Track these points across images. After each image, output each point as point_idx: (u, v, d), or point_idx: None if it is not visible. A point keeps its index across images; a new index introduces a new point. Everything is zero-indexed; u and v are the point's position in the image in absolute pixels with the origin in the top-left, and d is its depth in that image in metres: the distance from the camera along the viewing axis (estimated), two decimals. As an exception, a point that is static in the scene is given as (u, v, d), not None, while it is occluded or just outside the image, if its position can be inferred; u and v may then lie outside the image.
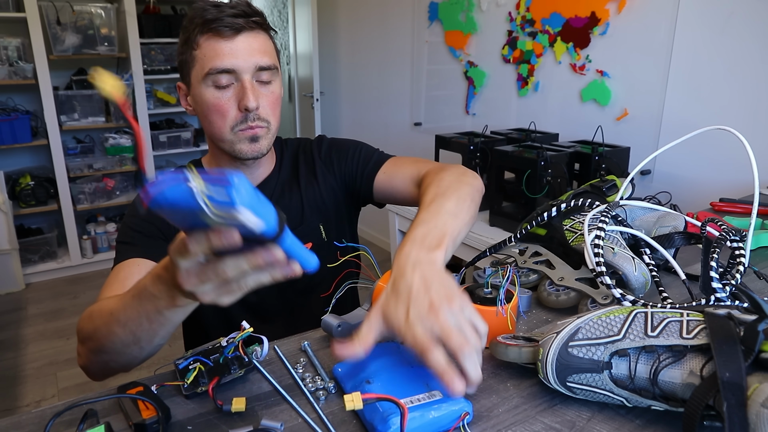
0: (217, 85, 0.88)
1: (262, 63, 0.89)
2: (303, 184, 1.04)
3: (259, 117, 0.90)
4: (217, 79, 0.88)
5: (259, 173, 1.03)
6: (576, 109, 2.18)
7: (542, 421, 0.58)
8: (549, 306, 0.82)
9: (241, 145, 0.91)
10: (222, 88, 0.88)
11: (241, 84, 0.88)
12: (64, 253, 3.30)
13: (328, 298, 1.03)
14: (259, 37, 0.90)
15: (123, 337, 0.66)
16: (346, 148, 1.08)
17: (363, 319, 0.75)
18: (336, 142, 1.10)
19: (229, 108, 0.89)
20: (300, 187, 1.04)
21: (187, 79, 0.93)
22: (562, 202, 0.89)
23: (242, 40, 0.87)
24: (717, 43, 1.71)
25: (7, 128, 2.91)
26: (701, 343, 0.53)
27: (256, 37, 0.89)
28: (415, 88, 3.09)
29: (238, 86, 0.88)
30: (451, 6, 2.69)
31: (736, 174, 1.71)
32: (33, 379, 2.27)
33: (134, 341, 0.66)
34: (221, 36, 0.86)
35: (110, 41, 3.12)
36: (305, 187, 1.04)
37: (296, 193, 1.04)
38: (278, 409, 0.60)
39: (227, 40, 0.87)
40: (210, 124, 0.92)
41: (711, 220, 0.84)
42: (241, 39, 0.87)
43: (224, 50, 0.86)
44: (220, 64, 0.86)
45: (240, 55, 0.87)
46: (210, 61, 0.87)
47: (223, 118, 0.90)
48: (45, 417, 0.58)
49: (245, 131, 0.90)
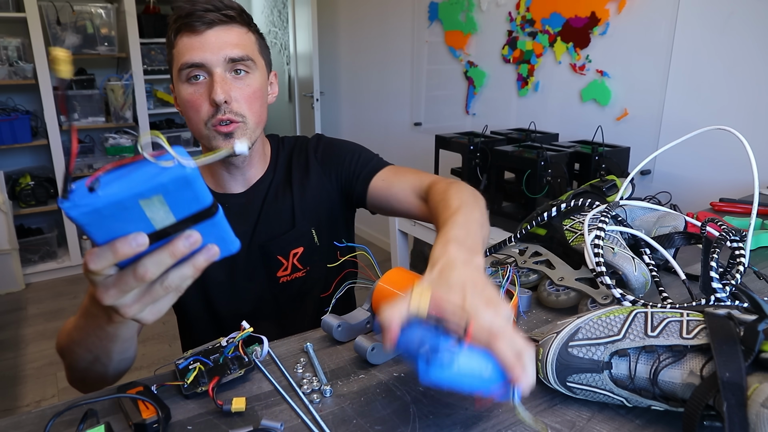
0: (190, 80, 0.89)
1: (233, 55, 0.88)
2: (296, 187, 1.02)
3: (231, 110, 0.88)
4: (190, 73, 0.88)
5: (251, 174, 1.01)
6: (576, 109, 2.18)
7: (542, 421, 0.58)
8: (549, 306, 0.82)
9: (216, 141, 0.90)
10: (195, 83, 0.89)
11: (211, 78, 0.88)
12: (64, 253, 3.30)
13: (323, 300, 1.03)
14: (232, 30, 0.89)
15: (83, 356, 0.68)
16: (344, 149, 1.05)
17: (363, 319, 0.75)
18: (333, 142, 1.07)
19: (201, 102, 0.88)
20: (292, 190, 1.02)
21: (173, 79, 0.94)
22: (562, 202, 0.89)
23: (213, 34, 0.87)
24: (717, 43, 1.71)
25: (7, 128, 2.92)
26: (701, 343, 0.53)
27: (228, 31, 0.89)
28: (415, 88, 3.09)
29: (209, 80, 0.88)
30: (451, 6, 2.69)
31: (736, 174, 1.71)
32: (33, 379, 2.27)
33: (94, 359, 0.68)
34: (193, 31, 0.87)
35: (110, 41, 3.12)
36: (298, 190, 1.02)
37: (288, 196, 1.02)
38: (278, 409, 0.60)
39: (198, 35, 0.87)
40: (188, 120, 0.92)
41: (711, 220, 0.84)
42: (211, 33, 0.87)
43: (195, 45, 0.87)
44: (190, 59, 0.87)
45: (209, 49, 0.87)
46: (182, 57, 0.88)
47: (197, 112, 0.89)
48: (45, 417, 0.58)
49: (219, 127, 0.88)
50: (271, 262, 1.00)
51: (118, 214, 0.42)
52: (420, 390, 0.63)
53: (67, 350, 0.71)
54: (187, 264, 0.47)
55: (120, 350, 0.66)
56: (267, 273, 1.00)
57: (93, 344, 0.65)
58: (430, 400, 0.61)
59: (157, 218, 0.44)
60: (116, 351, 0.66)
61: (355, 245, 0.85)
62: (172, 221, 0.45)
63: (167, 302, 0.50)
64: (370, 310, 0.76)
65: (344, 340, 0.74)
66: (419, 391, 0.63)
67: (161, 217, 0.44)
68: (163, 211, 0.44)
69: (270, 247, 1.00)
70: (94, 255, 0.44)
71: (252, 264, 1.00)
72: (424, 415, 0.59)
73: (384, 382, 0.65)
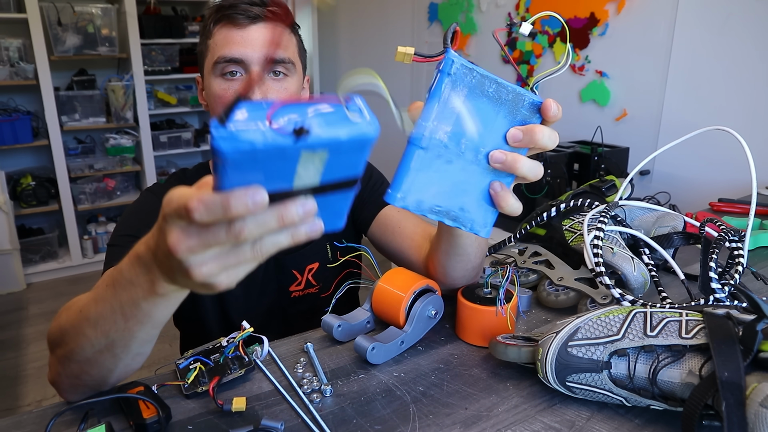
0: (225, 75, 0.84)
1: (275, 55, 0.84)
2: None
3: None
4: (226, 68, 0.83)
5: None
6: (575, 110, 2.18)
7: (542, 420, 0.58)
8: (548, 306, 0.82)
9: None
10: (229, 79, 0.83)
11: (249, 75, 0.83)
12: (65, 253, 3.31)
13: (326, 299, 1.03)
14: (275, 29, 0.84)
15: (94, 340, 0.54)
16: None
17: (363, 319, 0.75)
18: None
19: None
20: None
21: (202, 71, 0.90)
22: (561, 202, 0.89)
23: (256, 29, 0.83)
24: (716, 44, 1.71)
25: (8, 129, 2.92)
26: (700, 343, 0.53)
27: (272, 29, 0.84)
28: (415, 88, 3.09)
29: (246, 78, 0.83)
30: (451, 7, 2.70)
31: (735, 174, 1.71)
32: (34, 379, 2.27)
33: (107, 346, 0.54)
34: (234, 24, 0.82)
35: (111, 42, 3.12)
36: None
37: None
38: (278, 409, 0.60)
39: (240, 29, 0.82)
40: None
41: (710, 220, 0.84)
42: (254, 28, 0.82)
43: (235, 39, 0.82)
44: (229, 53, 0.82)
45: (250, 45, 0.82)
46: (220, 50, 0.83)
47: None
48: (46, 416, 0.58)
49: None
50: (285, 276, 0.97)
51: (268, 162, 0.35)
52: (420, 390, 0.64)
53: (72, 333, 0.56)
54: (287, 232, 0.40)
55: (143, 339, 0.54)
56: (279, 286, 0.98)
57: (113, 324, 0.52)
58: (430, 400, 0.62)
59: (303, 175, 0.37)
60: (139, 339, 0.53)
61: (355, 245, 0.85)
62: (314, 183, 0.38)
63: (246, 269, 0.42)
64: (370, 310, 0.76)
65: (344, 340, 0.74)
66: (419, 391, 0.64)
67: (308, 176, 0.37)
68: (314, 170, 0.37)
69: (285, 261, 0.97)
70: (202, 202, 0.36)
71: (267, 276, 0.97)
72: (424, 415, 0.59)
73: (384, 382, 0.65)
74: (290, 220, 0.38)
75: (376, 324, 0.77)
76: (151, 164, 3.36)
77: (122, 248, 0.82)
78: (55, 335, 0.60)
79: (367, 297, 0.76)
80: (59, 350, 0.59)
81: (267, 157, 0.34)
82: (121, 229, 0.87)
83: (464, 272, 0.78)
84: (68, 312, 0.59)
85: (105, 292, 0.52)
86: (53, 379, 0.62)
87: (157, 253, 0.44)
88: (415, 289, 0.72)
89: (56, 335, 0.60)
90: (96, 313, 0.53)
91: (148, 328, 0.52)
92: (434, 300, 0.73)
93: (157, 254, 0.44)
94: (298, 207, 0.38)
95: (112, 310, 0.51)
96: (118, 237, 0.86)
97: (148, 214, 0.84)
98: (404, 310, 0.71)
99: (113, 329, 0.52)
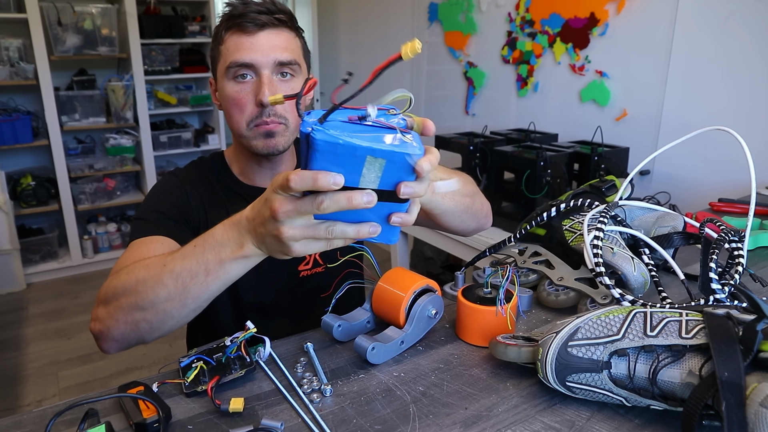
0: (237, 79, 0.90)
1: (282, 58, 0.90)
2: None
3: (275, 113, 0.91)
4: (237, 72, 0.90)
5: (280, 170, 1.03)
6: (575, 110, 2.18)
7: (542, 420, 0.58)
8: (548, 306, 0.82)
9: (256, 141, 0.93)
10: (241, 82, 0.90)
11: (259, 78, 0.90)
12: (65, 253, 3.31)
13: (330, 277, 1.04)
14: (282, 34, 0.92)
15: (172, 289, 0.65)
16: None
17: (363, 319, 0.75)
18: None
19: (246, 102, 0.91)
20: None
21: (215, 74, 0.96)
22: (561, 202, 0.89)
23: (264, 36, 0.89)
24: (716, 44, 1.71)
25: (8, 128, 2.92)
26: (700, 343, 0.53)
27: (278, 34, 0.91)
28: (415, 88, 3.09)
29: (256, 81, 0.90)
30: (451, 7, 2.70)
31: (735, 174, 1.71)
32: (34, 379, 2.28)
33: (181, 295, 0.65)
34: (244, 31, 0.89)
35: (111, 42, 3.12)
36: None
37: None
38: (278, 409, 0.60)
39: (249, 36, 0.89)
40: (230, 117, 0.94)
41: (710, 220, 0.84)
42: (262, 35, 0.89)
43: (245, 45, 0.89)
44: (240, 58, 0.89)
45: (260, 50, 0.89)
46: (231, 55, 0.90)
47: (240, 112, 0.91)
48: (46, 416, 0.58)
49: (260, 127, 0.91)
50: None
51: (344, 156, 0.47)
52: (420, 390, 0.64)
53: (147, 284, 0.67)
54: (353, 226, 0.54)
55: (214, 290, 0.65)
56: (288, 265, 1.01)
57: (194, 277, 0.63)
58: (430, 400, 0.62)
59: (367, 177, 0.49)
60: (210, 291, 0.65)
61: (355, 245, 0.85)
62: (373, 187, 0.50)
63: (318, 247, 0.56)
64: (370, 310, 0.76)
65: (344, 340, 0.74)
66: (419, 391, 0.64)
67: (370, 179, 0.49)
68: (375, 175, 0.49)
69: None
70: (299, 175, 0.49)
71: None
72: (424, 415, 0.59)
73: (384, 382, 0.65)
74: (356, 203, 0.50)
75: (376, 324, 0.77)
76: (151, 164, 3.36)
77: (148, 222, 0.91)
78: (125, 285, 0.70)
79: (367, 297, 0.76)
80: (125, 299, 0.69)
81: (344, 151, 0.46)
82: (147, 206, 0.96)
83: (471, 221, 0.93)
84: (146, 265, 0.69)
85: (192, 251, 0.64)
86: (102, 329, 0.72)
87: (255, 219, 0.58)
88: (415, 289, 0.72)
89: (126, 285, 0.70)
90: (180, 268, 0.65)
91: (221, 284, 0.64)
92: (434, 300, 0.73)
93: (254, 221, 0.58)
94: (363, 195, 0.50)
95: (197, 266, 0.63)
96: (145, 212, 0.94)
97: (170, 194, 0.97)
98: (404, 310, 0.71)
99: (193, 282, 0.64)
